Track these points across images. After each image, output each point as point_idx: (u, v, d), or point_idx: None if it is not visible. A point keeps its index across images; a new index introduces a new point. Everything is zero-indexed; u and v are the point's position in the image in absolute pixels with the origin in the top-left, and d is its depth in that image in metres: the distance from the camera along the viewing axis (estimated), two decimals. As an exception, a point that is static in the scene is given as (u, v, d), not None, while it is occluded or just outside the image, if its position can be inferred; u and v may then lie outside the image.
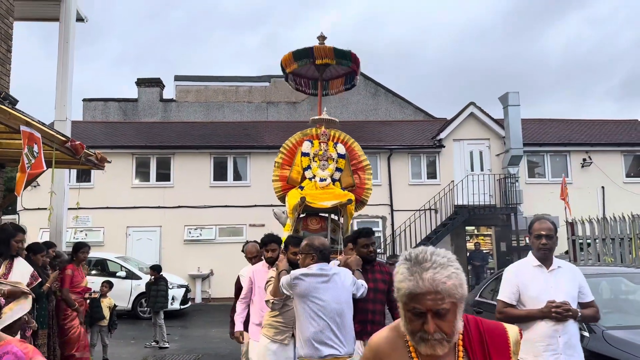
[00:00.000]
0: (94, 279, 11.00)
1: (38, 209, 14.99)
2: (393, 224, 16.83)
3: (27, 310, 4.30)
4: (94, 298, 6.78)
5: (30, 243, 5.54)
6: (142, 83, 24.12)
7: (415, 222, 16.29)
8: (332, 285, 3.63)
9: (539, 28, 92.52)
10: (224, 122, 21.72)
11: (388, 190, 17.20)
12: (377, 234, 13.63)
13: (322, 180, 5.93)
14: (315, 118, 6.29)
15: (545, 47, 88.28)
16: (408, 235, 16.05)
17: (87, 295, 6.30)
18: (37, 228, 14.55)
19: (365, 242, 4.26)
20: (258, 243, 5.43)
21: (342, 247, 5.56)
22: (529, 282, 3.37)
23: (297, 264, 3.95)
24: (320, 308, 3.55)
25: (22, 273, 4.45)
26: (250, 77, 25.85)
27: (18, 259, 4.50)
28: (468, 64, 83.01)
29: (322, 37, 6.34)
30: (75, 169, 11.54)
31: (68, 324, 5.87)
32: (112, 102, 24.16)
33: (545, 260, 3.39)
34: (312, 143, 6.14)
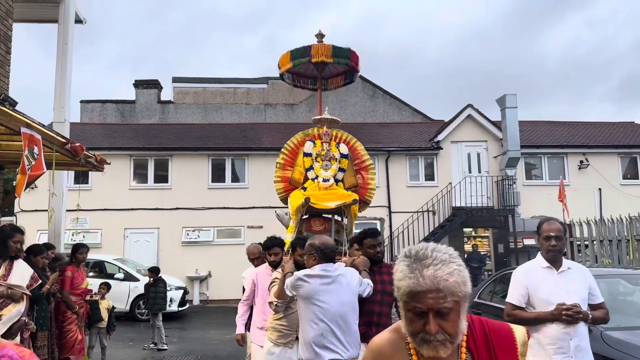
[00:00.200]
0: (92, 281, 10.93)
1: (35, 211, 14.97)
2: (391, 226, 16.87)
3: (22, 313, 4.31)
4: (94, 300, 6.75)
5: (31, 245, 5.53)
6: (139, 85, 24.11)
7: (413, 223, 16.33)
8: (336, 287, 3.53)
9: (538, 29, 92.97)
10: (222, 123, 21.74)
11: (386, 192, 17.23)
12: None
13: (325, 181, 5.80)
14: (317, 118, 6.18)
15: (544, 48, 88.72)
16: (406, 237, 16.08)
17: (87, 298, 6.28)
18: (34, 230, 14.51)
19: (372, 242, 4.16)
20: (260, 244, 5.34)
21: (346, 248, 5.42)
22: (539, 284, 3.30)
23: (304, 267, 3.88)
24: (322, 311, 3.45)
25: (21, 275, 4.43)
26: (248, 79, 25.86)
27: (18, 261, 4.48)
28: (467, 66, 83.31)
29: (320, 35, 6.27)
30: (73, 171, 11.52)
31: (66, 327, 5.85)
32: (109, 103, 24.14)
33: (555, 262, 3.34)
34: (314, 143, 6.00)
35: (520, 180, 17.56)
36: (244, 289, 5.35)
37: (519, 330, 1.53)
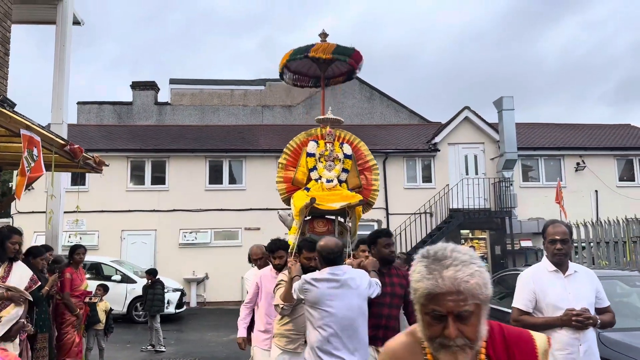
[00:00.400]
0: (89, 283, 10.95)
1: (32, 213, 14.93)
2: (388, 228, 16.88)
3: (21, 314, 4.30)
4: (93, 302, 6.72)
5: (30, 247, 5.52)
6: (137, 86, 24.08)
7: (411, 225, 16.35)
8: (344, 291, 3.41)
9: (536, 31, 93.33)
10: (219, 125, 21.73)
11: (383, 194, 17.25)
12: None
13: (328, 182, 5.68)
14: (320, 118, 6.06)
15: (542, 50, 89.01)
16: (403, 239, 16.10)
17: (86, 300, 6.25)
18: (31, 231, 14.49)
19: (387, 241, 4.07)
20: (265, 246, 5.28)
21: (350, 250, 5.31)
22: (547, 288, 3.22)
23: (309, 269, 3.82)
24: (328, 315, 3.34)
25: (20, 276, 4.43)
26: (246, 80, 25.86)
27: (17, 263, 4.48)
28: (464, 67, 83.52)
29: (323, 34, 6.16)
30: (70, 172, 11.51)
31: (65, 329, 5.84)
32: (106, 105, 24.10)
33: (561, 265, 3.26)
34: (317, 143, 5.87)
35: (517, 182, 17.62)
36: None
37: (540, 338, 1.45)
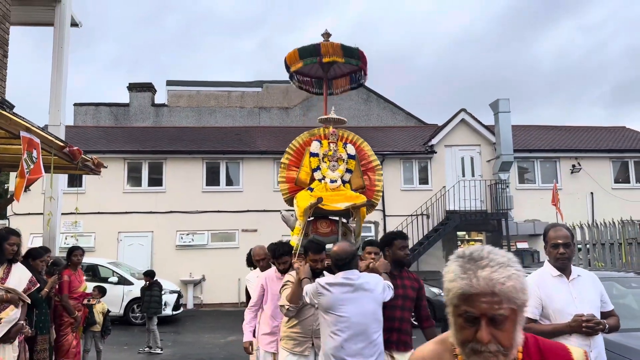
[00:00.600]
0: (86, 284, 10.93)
1: (29, 214, 14.88)
2: (385, 229, 16.89)
3: (20, 316, 4.30)
4: (91, 304, 6.69)
5: (30, 249, 5.52)
6: (133, 88, 24.05)
7: (408, 227, 16.38)
8: (358, 296, 3.36)
9: (533, 35, 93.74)
10: (217, 127, 21.73)
11: (380, 196, 17.27)
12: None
13: (332, 182, 5.60)
14: (323, 117, 5.97)
15: (538, 53, 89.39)
16: (400, 241, 16.12)
17: (85, 302, 6.23)
18: (27, 233, 14.44)
19: (403, 243, 4.00)
20: (268, 248, 5.16)
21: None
22: (552, 294, 3.13)
23: (316, 272, 3.77)
24: (342, 321, 3.30)
25: (19, 278, 4.43)
26: (243, 82, 25.88)
27: (16, 264, 4.47)
28: (461, 70, 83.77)
29: (326, 34, 6.05)
30: (67, 174, 11.49)
31: (64, 331, 5.83)
32: (103, 106, 24.05)
33: (565, 270, 3.19)
34: (320, 143, 5.80)
35: (514, 184, 17.69)
36: (247, 292, 5.24)
37: (577, 353, 1.37)
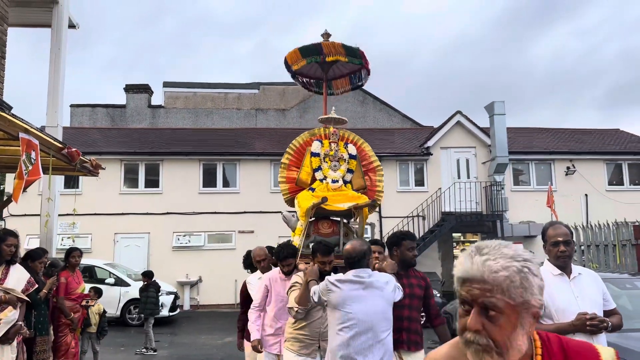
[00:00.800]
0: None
1: (24, 215, 14.85)
2: (381, 231, 16.95)
3: (18, 317, 4.32)
4: (89, 305, 6.67)
5: (29, 250, 5.53)
6: (130, 89, 24.03)
7: (404, 228, 16.41)
8: (368, 294, 3.33)
9: (528, 39, 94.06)
10: (213, 128, 21.74)
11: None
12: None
13: (334, 182, 5.55)
14: (324, 117, 5.92)
15: (533, 57, 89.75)
16: (396, 242, 16.18)
17: (83, 303, 6.23)
18: (24, 234, 14.38)
19: (411, 244, 3.97)
20: (270, 250, 5.15)
21: None
22: (554, 293, 3.08)
23: (324, 274, 3.74)
24: (349, 318, 3.26)
25: (18, 279, 4.44)
26: (239, 84, 25.91)
27: (15, 266, 4.49)
28: (456, 73, 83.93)
29: (326, 34, 6.00)
30: (63, 176, 11.47)
31: (62, 331, 5.83)
32: (99, 108, 24.03)
33: (565, 268, 3.16)
34: (321, 143, 5.74)
35: (509, 186, 17.79)
36: (243, 295, 5.20)
37: (607, 353, 1.30)
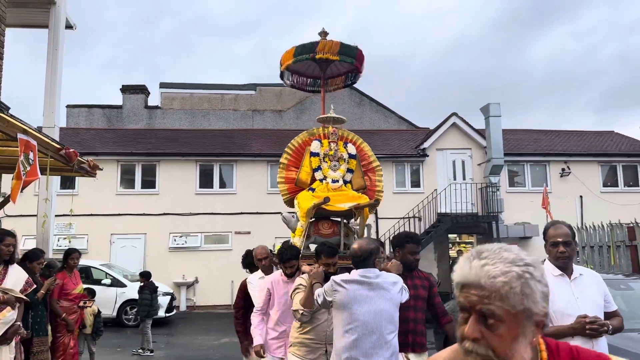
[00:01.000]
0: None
1: (20, 216, 14.81)
2: (378, 232, 17.00)
3: (17, 317, 4.34)
4: (87, 306, 6.66)
5: (27, 251, 5.54)
6: (127, 90, 24.01)
7: (400, 230, 16.48)
8: (374, 295, 3.28)
9: (524, 41, 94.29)
10: (210, 129, 21.76)
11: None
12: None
13: (334, 182, 5.50)
14: (323, 117, 5.86)
15: (530, 59, 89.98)
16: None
17: (81, 303, 6.23)
18: (19, 235, 14.35)
19: (415, 249, 3.90)
20: (271, 251, 5.10)
21: None
22: (555, 294, 2.94)
23: (328, 275, 3.69)
24: (354, 320, 3.22)
25: (16, 279, 4.46)
26: (236, 85, 25.92)
27: (13, 266, 4.51)
28: (453, 75, 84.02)
29: (323, 32, 5.95)
30: (59, 176, 11.48)
31: (60, 332, 5.84)
32: (96, 108, 24.00)
33: (566, 269, 3.07)
34: (321, 143, 5.67)
35: (504, 187, 17.87)
36: (241, 294, 5.18)
37: None
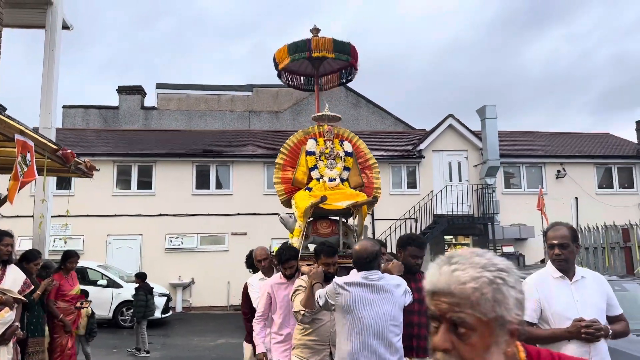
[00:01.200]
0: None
1: (16, 217, 14.77)
2: (374, 233, 17.03)
3: (15, 318, 4.35)
4: (84, 307, 6.65)
5: (25, 251, 5.54)
6: (123, 90, 23.96)
7: (396, 231, 16.52)
8: (377, 297, 3.25)
9: (521, 43, 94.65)
10: (207, 130, 21.75)
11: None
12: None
13: (331, 180, 5.44)
14: (317, 115, 5.79)
15: (526, 61, 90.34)
16: (389, 244, 16.25)
17: (78, 304, 6.23)
18: (15, 236, 14.33)
19: (416, 251, 3.82)
20: (271, 252, 5.08)
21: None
22: (553, 296, 2.93)
23: (328, 275, 3.68)
24: (358, 323, 3.18)
25: (14, 280, 4.47)
26: (233, 86, 25.91)
27: (11, 266, 4.51)
28: (450, 77, 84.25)
29: (315, 29, 5.91)
30: (56, 177, 11.45)
31: (57, 333, 5.84)
32: (92, 109, 23.94)
33: (567, 271, 2.97)
34: (316, 141, 5.61)
35: (500, 189, 17.96)
36: (244, 295, 5.15)
37: None
